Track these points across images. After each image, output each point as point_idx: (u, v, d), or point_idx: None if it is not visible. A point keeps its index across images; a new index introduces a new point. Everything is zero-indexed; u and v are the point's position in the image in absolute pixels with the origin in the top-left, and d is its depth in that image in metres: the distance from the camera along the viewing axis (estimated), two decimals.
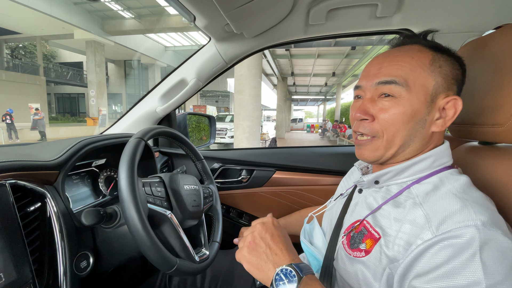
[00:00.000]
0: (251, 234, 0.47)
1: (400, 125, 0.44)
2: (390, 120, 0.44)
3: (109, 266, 0.64)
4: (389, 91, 0.44)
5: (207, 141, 1.34)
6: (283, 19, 0.83)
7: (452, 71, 0.44)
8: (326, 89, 23.75)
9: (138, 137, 0.57)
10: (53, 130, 13.11)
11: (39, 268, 0.49)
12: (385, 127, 0.45)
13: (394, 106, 0.44)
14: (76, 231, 0.56)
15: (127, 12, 12.87)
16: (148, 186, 0.57)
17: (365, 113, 0.46)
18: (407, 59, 0.44)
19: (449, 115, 0.44)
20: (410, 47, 0.46)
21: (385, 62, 0.46)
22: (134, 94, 22.80)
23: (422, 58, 0.44)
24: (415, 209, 0.40)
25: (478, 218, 0.35)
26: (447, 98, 0.44)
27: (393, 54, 0.46)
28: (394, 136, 0.44)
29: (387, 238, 0.42)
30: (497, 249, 0.33)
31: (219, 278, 0.81)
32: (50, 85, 20.78)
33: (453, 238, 0.34)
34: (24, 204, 0.51)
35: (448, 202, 0.38)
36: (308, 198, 1.06)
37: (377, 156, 0.47)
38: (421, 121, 0.44)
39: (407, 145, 0.45)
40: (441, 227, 0.36)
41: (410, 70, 0.43)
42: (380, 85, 0.45)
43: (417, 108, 0.43)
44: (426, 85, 0.43)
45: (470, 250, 0.33)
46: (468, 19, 0.79)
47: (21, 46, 21.29)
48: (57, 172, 0.57)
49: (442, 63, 0.44)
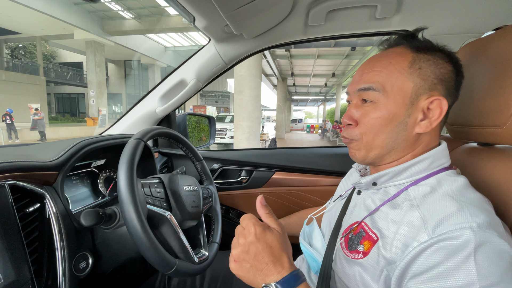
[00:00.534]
0: (235, 250, 0.43)
1: (378, 129, 0.45)
2: (369, 124, 0.46)
3: (108, 267, 0.64)
4: (367, 97, 0.46)
5: (207, 142, 1.34)
6: (282, 20, 0.83)
7: (434, 71, 0.44)
8: (326, 89, 23.77)
9: (138, 138, 0.57)
10: (53, 130, 13.10)
11: (38, 269, 0.49)
12: (364, 131, 0.47)
13: (373, 111, 0.46)
14: (75, 232, 0.56)
15: (127, 12, 12.88)
16: (148, 187, 0.57)
17: (350, 118, 0.49)
18: (385, 64, 0.45)
19: (434, 116, 0.44)
20: (392, 50, 0.47)
21: (366, 68, 0.48)
22: (134, 94, 22.81)
23: (400, 62, 0.45)
24: (412, 211, 0.40)
25: (474, 220, 0.35)
26: (430, 99, 0.43)
27: (374, 60, 0.48)
28: (373, 139, 0.46)
29: (385, 240, 0.42)
30: (492, 251, 0.33)
31: (218, 279, 0.81)
32: (50, 85, 20.79)
33: (449, 239, 0.35)
34: (23, 205, 0.51)
35: (444, 204, 0.38)
36: (308, 198, 1.06)
37: (362, 156, 0.49)
38: (401, 124, 0.45)
39: (390, 147, 0.46)
40: (437, 229, 0.36)
41: (387, 75, 0.45)
42: (361, 92, 0.47)
43: (395, 112, 0.44)
44: (404, 88, 0.44)
45: (465, 252, 0.33)
46: (467, 21, 0.79)
47: (21, 46, 21.30)
48: (56, 172, 0.57)
49: (422, 64, 0.44)
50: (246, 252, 0.42)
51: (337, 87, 19.24)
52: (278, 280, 0.39)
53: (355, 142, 0.49)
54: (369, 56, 2.77)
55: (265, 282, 0.40)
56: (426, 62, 0.44)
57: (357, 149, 0.49)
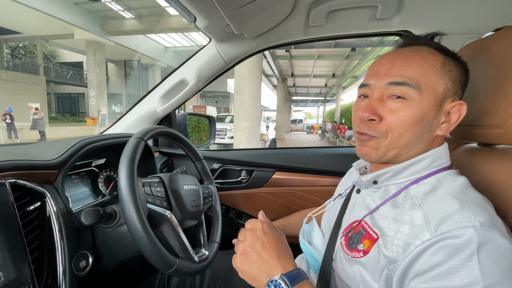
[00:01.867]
0: (242, 244, 0.46)
1: (408, 127, 0.43)
2: (399, 121, 0.43)
3: (108, 266, 0.64)
4: (401, 92, 0.43)
5: (207, 142, 1.34)
6: (283, 20, 0.84)
7: (460, 76, 0.44)
8: (326, 90, 23.79)
9: (138, 137, 0.57)
10: (53, 129, 13.10)
11: (38, 268, 0.49)
12: (391, 128, 0.44)
13: (405, 108, 0.43)
14: (75, 231, 0.56)
15: (128, 12, 12.89)
16: (148, 186, 0.57)
17: (373, 113, 0.44)
18: (419, 60, 0.43)
19: (453, 120, 0.44)
20: (420, 48, 0.45)
21: (396, 61, 0.44)
22: (134, 94, 22.81)
23: (433, 61, 0.43)
24: (413, 210, 0.41)
25: (476, 219, 0.35)
26: (453, 103, 0.44)
27: (404, 54, 0.45)
28: (399, 137, 0.44)
29: (386, 238, 0.42)
30: (495, 249, 0.33)
31: (218, 278, 0.81)
32: (50, 85, 20.78)
33: (451, 238, 0.35)
34: (24, 203, 0.51)
35: (446, 203, 0.38)
36: (307, 198, 1.06)
37: (379, 154, 0.46)
38: (428, 124, 0.44)
39: (411, 147, 0.45)
40: (439, 227, 0.36)
41: (422, 72, 0.42)
42: (391, 86, 0.44)
43: (427, 111, 0.43)
44: (437, 88, 0.43)
45: (467, 251, 0.33)
46: (467, 21, 0.79)
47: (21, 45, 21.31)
48: (56, 171, 0.57)
49: (452, 67, 0.44)
50: (253, 244, 0.44)
51: (337, 88, 19.25)
52: (284, 273, 0.40)
53: (375, 140, 0.45)
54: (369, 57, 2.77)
55: (271, 275, 0.41)
56: (455, 66, 0.44)
57: (376, 147, 0.46)
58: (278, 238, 0.46)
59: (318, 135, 20.04)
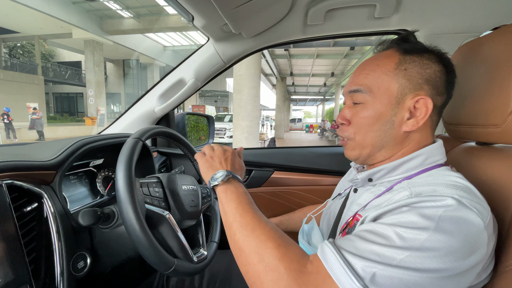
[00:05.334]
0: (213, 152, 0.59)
1: (367, 127, 0.48)
2: (359, 123, 0.49)
3: (106, 267, 0.64)
4: (356, 98, 0.49)
5: (206, 141, 1.34)
6: (281, 19, 0.83)
7: (420, 71, 0.45)
8: (325, 89, 23.79)
9: (136, 137, 0.57)
10: (51, 129, 13.05)
11: (36, 269, 0.49)
12: (356, 130, 0.50)
13: (361, 111, 0.48)
14: (73, 232, 0.55)
15: (126, 11, 12.83)
16: (146, 186, 0.56)
17: (343, 118, 0.52)
18: (373, 67, 0.48)
19: (421, 114, 0.45)
20: (382, 53, 0.50)
21: (356, 72, 0.51)
22: (133, 93, 22.73)
23: (387, 64, 0.47)
24: (403, 192, 0.42)
25: (459, 195, 0.36)
26: (415, 98, 0.45)
27: (364, 64, 0.51)
28: (364, 137, 0.49)
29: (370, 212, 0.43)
30: (463, 217, 0.34)
31: (217, 278, 0.81)
32: (48, 85, 20.71)
33: (427, 201, 0.36)
34: (21, 204, 0.50)
35: (433, 184, 0.40)
36: (307, 198, 1.06)
37: (355, 155, 0.51)
38: (388, 122, 0.46)
39: (380, 145, 0.48)
40: (420, 195, 0.38)
41: (374, 77, 0.47)
42: (351, 93, 0.50)
43: (381, 111, 0.46)
44: (390, 88, 0.46)
45: (436, 209, 0.34)
46: (465, 20, 0.79)
47: (19, 45, 21.18)
48: (54, 172, 0.57)
49: (408, 66, 0.45)
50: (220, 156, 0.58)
51: (336, 86, 19.25)
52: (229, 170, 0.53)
53: (350, 142, 0.51)
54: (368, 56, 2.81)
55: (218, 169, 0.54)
56: (411, 63, 0.45)
57: (352, 148, 0.51)
58: (238, 163, 0.60)
59: (317, 134, 20.06)
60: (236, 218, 0.45)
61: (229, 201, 0.48)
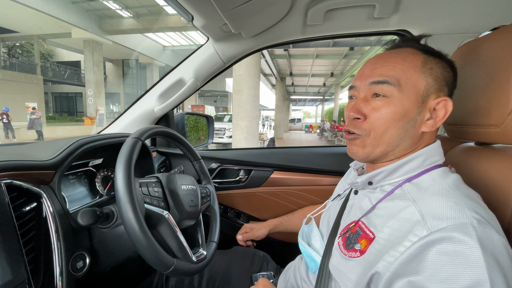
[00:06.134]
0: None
1: (390, 124, 0.45)
2: (381, 119, 0.45)
3: (105, 267, 0.64)
4: (381, 90, 0.45)
5: (205, 141, 1.34)
6: (281, 19, 0.83)
7: (443, 73, 0.45)
8: (324, 89, 23.79)
9: (135, 137, 0.57)
10: (50, 129, 13.02)
11: (34, 268, 0.49)
12: (374, 126, 0.46)
13: (386, 105, 0.45)
14: (72, 231, 0.55)
15: (125, 11, 12.81)
16: (145, 186, 0.56)
17: (357, 112, 0.47)
18: (399, 60, 0.46)
19: (439, 116, 0.45)
20: (403, 49, 0.48)
21: (378, 63, 0.47)
22: (132, 93, 22.67)
23: (414, 60, 0.45)
24: (408, 206, 0.40)
25: (472, 216, 0.35)
26: (438, 99, 0.45)
27: (386, 56, 0.48)
28: (382, 134, 0.45)
29: (381, 235, 0.42)
30: (494, 246, 0.33)
31: (216, 278, 0.81)
32: (47, 84, 20.64)
33: (450, 237, 0.34)
34: (20, 204, 0.50)
35: (441, 199, 0.38)
36: (306, 198, 1.06)
37: (366, 152, 0.48)
38: (411, 121, 0.45)
39: (397, 144, 0.46)
40: (435, 222, 0.35)
41: (402, 71, 0.45)
42: (373, 85, 0.46)
43: (408, 108, 0.44)
44: (417, 85, 0.44)
45: (468, 249, 0.32)
46: (465, 21, 0.80)
47: (18, 44, 21.11)
48: (53, 171, 0.57)
49: (433, 65, 0.45)
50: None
51: (335, 87, 19.26)
52: None
53: (360, 138, 0.48)
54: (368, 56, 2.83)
55: None
56: (436, 64, 0.45)
57: (362, 146, 0.48)
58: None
59: (316, 134, 20.06)
60: None
61: None
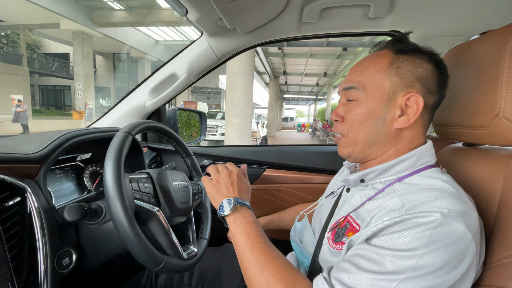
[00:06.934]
0: (219, 176, 0.61)
1: (360, 124, 0.49)
2: (352, 120, 0.50)
3: (93, 264, 0.62)
4: (350, 95, 0.50)
5: (197, 138, 1.32)
6: (276, 16, 0.83)
7: (412, 70, 0.46)
8: (317, 89, 23.98)
9: (126, 131, 0.56)
10: (37, 123, 12.62)
11: (18, 266, 0.47)
12: (349, 127, 0.51)
13: (355, 107, 0.49)
14: (58, 227, 0.54)
15: (117, 3, 12.50)
16: (135, 181, 0.55)
17: (337, 115, 0.53)
18: (367, 64, 0.49)
19: (412, 112, 0.46)
20: (376, 53, 0.51)
21: (351, 70, 0.52)
22: (123, 88, 22.22)
23: (380, 62, 0.48)
24: (394, 199, 0.42)
25: (446, 207, 0.37)
26: (406, 96, 0.46)
27: (359, 63, 0.52)
28: (356, 134, 0.50)
29: (364, 225, 0.44)
30: (451, 233, 0.35)
31: (207, 275, 0.81)
32: (34, 76, 19.99)
33: (416, 218, 0.37)
34: (3, 198, 0.48)
35: (425, 194, 0.40)
36: (298, 196, 1.07)
37: (348, 152, 0.52)
38: (380, 119, 0.47)
39: (372, 141, 0.49)
40: (410, 210, 0.38)
41: (368, 75, 0.48)
42: (345, 91, 0.51)
43: (373, 108, 0.47)
44: (382, 86, 0.47)
45: (425, 227, 0.35)
46: (456, 24, 0.81)
47: (3, 34, 20.32)
48: (38, 165, 0.55)
49: (400, 64, 0.46)
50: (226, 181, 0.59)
51: (328, 86, 19.43)
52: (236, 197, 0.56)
53: (343, 139, 0.52)
54: (361, 57, 2.89)
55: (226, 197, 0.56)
56: (404, 62, 0.46)
57: (344, 146, 0.52)
58: (244, 185, 0.62)
59: (309, 134, 20.22)
60: (246, 255, 0.47)
61: (238, 234, 0.51)
